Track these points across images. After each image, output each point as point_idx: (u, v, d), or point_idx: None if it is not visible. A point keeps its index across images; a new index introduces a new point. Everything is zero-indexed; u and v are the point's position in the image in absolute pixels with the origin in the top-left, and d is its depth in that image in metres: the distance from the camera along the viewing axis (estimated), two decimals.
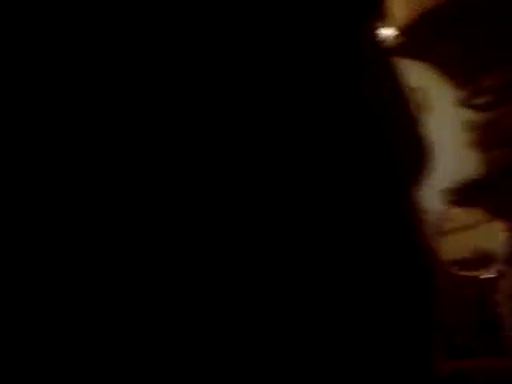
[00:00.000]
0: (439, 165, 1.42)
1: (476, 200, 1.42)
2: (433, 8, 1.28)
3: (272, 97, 0.17)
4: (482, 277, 1.45)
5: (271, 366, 0.15)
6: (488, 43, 1.36)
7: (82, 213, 0.16)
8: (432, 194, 1.46)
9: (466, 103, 1.38)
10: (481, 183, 1.35)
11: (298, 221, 0.16)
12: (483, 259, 1.46)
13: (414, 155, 0.24)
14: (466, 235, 1.47)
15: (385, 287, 0.17)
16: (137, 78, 0.17)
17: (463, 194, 1.39)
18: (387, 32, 1.68)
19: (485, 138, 1.37)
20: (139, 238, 0.15)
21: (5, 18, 0.17)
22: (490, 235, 1.45)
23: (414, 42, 1.36)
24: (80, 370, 0.15)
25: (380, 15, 0.24)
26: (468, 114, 1.39)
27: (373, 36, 0.24)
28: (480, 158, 1.38)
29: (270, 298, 0.15)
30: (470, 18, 1.33)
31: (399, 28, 1.33)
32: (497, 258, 1.43)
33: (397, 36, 1.37)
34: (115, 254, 0.16)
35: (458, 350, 1.46)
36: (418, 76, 1.50)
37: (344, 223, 0.17)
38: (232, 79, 0.17)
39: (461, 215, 1.48)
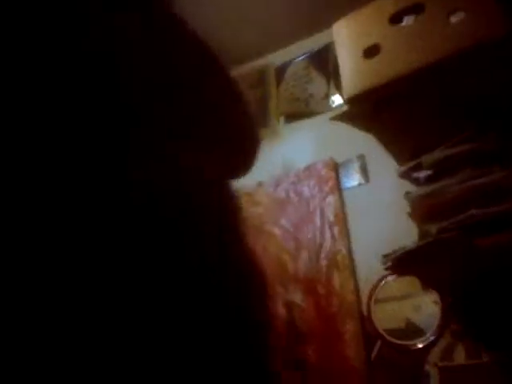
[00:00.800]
0: (377, 232, 1.48)
1: (410, 269, 1.45)
2: (378, 83, 1.36)
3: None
4: (415, 347, 1.46)
5: None
6: (428, 122, 1.42)
7: None
8: (368, 260, 1.51)
9: (406, 176, 1.44)
10: (415, 253, 1.38)
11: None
12: (415, 330, 1.47)
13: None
14: (399, 305, 1.49)
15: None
16: None
17: (398, 263, 1.42)
18: (338, 100, 1.79)
19: (422, 210, 1.41)
20: None
21: None
22: (422, 306, 1.46)
23: (358, 112, 1.44)
24: None
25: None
26: (407, 186, 1.44)
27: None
28: (416, 228, 1.42)
29: None
30: (413, 97, 1.40)
31: (346, 98, 1.42)
32: (428, 329, 1.44)
33: (344, 105, 1.46)
34: None
35: None
36: (361, 144, 1.58)
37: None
38: None
39: (395, 284, 1.50)
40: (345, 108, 1.48)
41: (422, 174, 1.40)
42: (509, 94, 1.30)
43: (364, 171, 1.75)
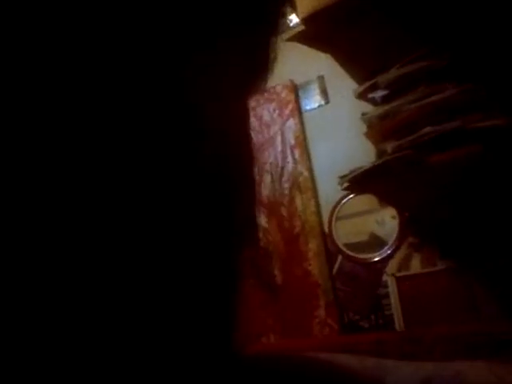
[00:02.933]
0: (338, 153, 1.50)
1: (367, 188, 1.50)
2: (332, 1, 1.33)
3: None
4: (374, 260, 1.54)
5: None
6: (385, 41, 1.41)
7: None
8: (329, 181, 1.54)
9: (363, 96, 1.44)
10: (374, 171, 1.42)
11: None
12: (375, 243, 1.54)
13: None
14: (359, 221, 1.56)
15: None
16: None
17: (356, 182, 1.47)
18: (295, 19, 1.75)
19: (379, 129, 1.43)
20: None
21: None
22: (381, 221, 1.53)
23: (316, 32, 1.42)
24: None
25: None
26: (367, 107, 1.45)
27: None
28: (374, 147, 1.45)
29: None
30: (368, 16, 1.38)
31: (302, 17, 1.38)
32: (387, 242, 1.52)
33: (300, 24, 1.43)
34: None
35: (348, 327, 1.57)
36: (318, 65, 1.56)
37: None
38: None
39: (355, 202, 1.56)
40: (301, 28, 1.45)
41: (378, 94, 1.41)
42: (461, 12, 1.29)
43: (324, 92, 1.74)
